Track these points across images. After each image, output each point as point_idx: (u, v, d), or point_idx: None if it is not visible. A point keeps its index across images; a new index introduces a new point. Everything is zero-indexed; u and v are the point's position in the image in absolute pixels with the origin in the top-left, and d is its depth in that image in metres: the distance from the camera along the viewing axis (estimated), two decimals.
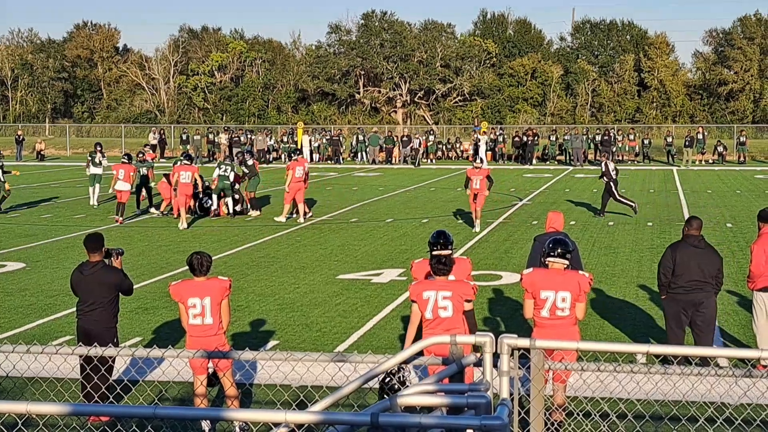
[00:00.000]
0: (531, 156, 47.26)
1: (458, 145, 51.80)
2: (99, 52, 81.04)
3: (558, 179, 36.84)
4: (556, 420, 7.69)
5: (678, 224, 21.11)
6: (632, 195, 29.62)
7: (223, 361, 8.04)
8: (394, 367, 5.33)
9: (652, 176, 38.33)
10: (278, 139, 52.10)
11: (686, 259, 10.00)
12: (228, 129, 53.28)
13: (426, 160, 48.64)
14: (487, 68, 73.51)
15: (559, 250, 8.28)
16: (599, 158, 32.21)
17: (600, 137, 46.64)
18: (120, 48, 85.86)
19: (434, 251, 8.67)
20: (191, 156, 24.28)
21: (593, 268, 15.88)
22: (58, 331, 12.15)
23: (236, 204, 24.68)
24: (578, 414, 8.02)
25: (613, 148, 46.09)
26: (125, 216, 23.81)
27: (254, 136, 49.11)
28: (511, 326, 12.13)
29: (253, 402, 9.36)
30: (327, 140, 50.06)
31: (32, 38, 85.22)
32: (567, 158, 47.42)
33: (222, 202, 24.69)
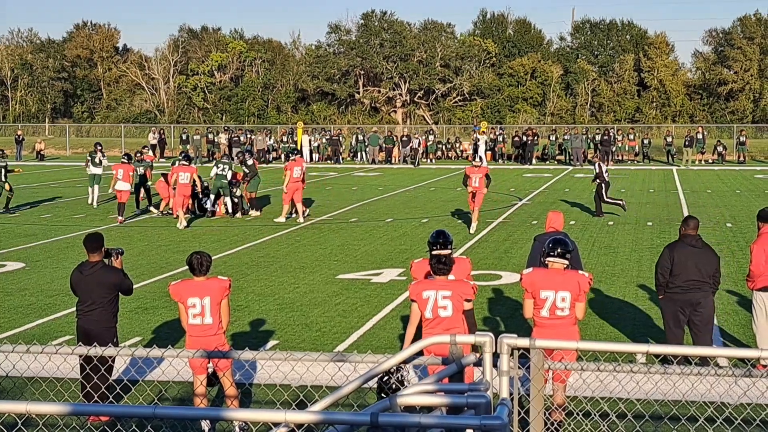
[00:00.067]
0: (531, 156, 47.25)
1: (458, 145, 51.79)
2: (99, 52, 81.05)
3: (558, 179, 36.84)
4: (556, 420, 7.69)
5: (677, 224, 21.08)
6: (632, 195, 29.64)
7: (223, 361, 8.04)
8: (393, 367, 5.32)
9: (652, 176, 38.32)
10: (278, 139, 52.10)
11: (684, 259, 10.01)
12: (228, 129, 53.26)
13: (426, 160, 48.63)
14: (487, 68, 73.52)
15: (559, 250, 8.29)
16: (592, 159, 32.00)
17: (600, 137, 46.64)
18: (120, 48, 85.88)
19: (434, 251, 8.67)
20: (189, 156, 24.24)
21: (593, 268, 15.88)
22: (58, 331, 12.14)
23: (234, 205, 24.64)
24: (578, 414, 8.03)
25: (613, 148, 46.12)
26: (125, 216, 23.83)
27: (254, 136, 49.10)
28: (511, 326, 12.13)
29: (253, 402, 9.35)
30: (327, 140, 50.07)
31: (32, 38, 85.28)
32: (567, 158, 47.42)
33: (220, 201, 24.68)
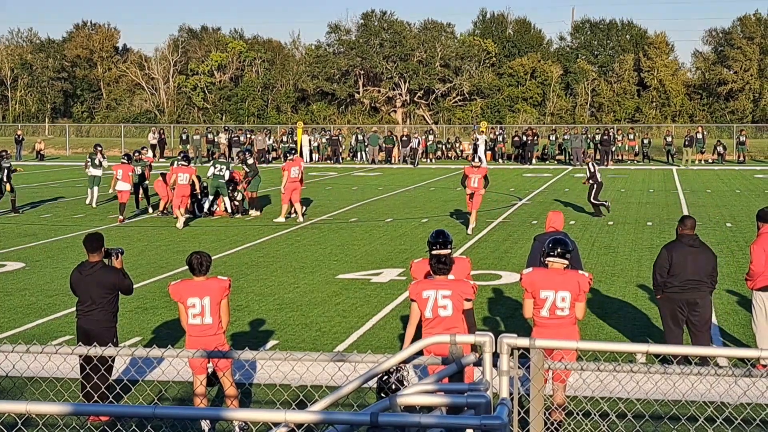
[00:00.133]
0: (531, 156, 47.26)
1: (458, 145, 51.80)
2: (98, 52, 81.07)
3: (558, 179, 36.84)
4: (556, 419, 7.69)
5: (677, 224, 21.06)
6: (632, 194, 29.66)
7: (223, 361, 8.04)
8: (393, 367, 5.32)
9: (652, 176, 38.33)
10: (278, 139, 52.09)
11: (682, 259, 10.03)
12: (227, 129, 53.25)
13: (425, 160, 48.63)
14: (487, 68, 73.54)
15: (559, 250, 8.29)
16: (585, 160, 31.74)
17: (599, 137, 46.64)
18: (119, 48, 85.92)
19: (434, 251, 8.67)
20: (189, 157, 24.22)
21: (593, 268, 15.88)
22: (58, 331, 12.14)
23: (234, 204, 24.63)
24: (578, 413, 8.03)
25: (613, 148, 46.12)
26: (125, 216, 23.82)
27: (254, 136, 49.08)
28: (511, 326, 12.13)
29: (253, 402, 9.35)
30: (326, 140, 50.07)
31: (32, 38, 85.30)
32: (566, 158, 47.42)
33: (220, 201, 24.67)
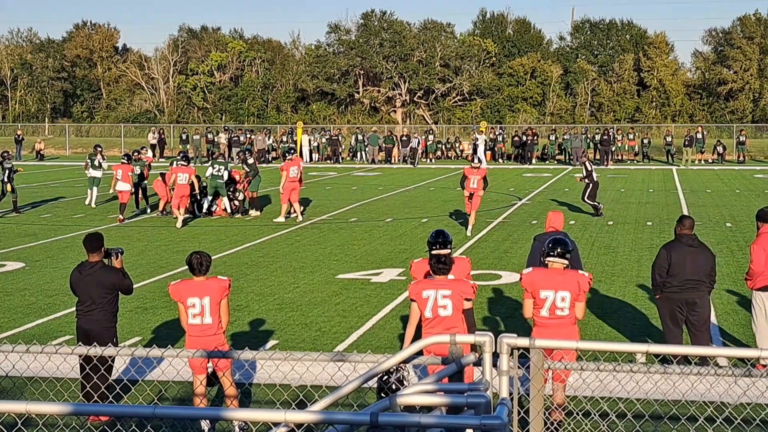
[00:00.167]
0: (530, 155, 47.27)
1: (457, 145, 51.82)
2: (98, 52, 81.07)
3: (557, 179, 36.84)
4: (556, 419, 7.69)
5: None
6: (632, 194, 29.66)
7: (223, 361, 8.04)
8: (393, 367, 5.33)
9: (652, 176, 38.33)
10: (277, 139, 52.09)
11: (681, 259, 10.04)
12: (227, 129, 53.25)
13: (425, 160, 48.62)
14: (487, 68, 73.53)
15: (559, 250, 8.29)
16: (580, 159, 31.55)
17: (599, 137, 46.64)
18: (119, 48, 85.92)
19: (433, 250, 8.67)
20: (188, 157, 24.21)
21: (593, 268, 15.88)
22: (58, 331, 12.14)
23: (233, 204, 24.62)
24: (578, 413, 8.03)
25: (613, 148, 46.11)
26: (125, 216, 23.83)
27: (254, 136, 49.07)
28: (511, 326, 12.13)
29: (253, 401, 9.35)
30: (326, 140, 50.06)
31: (32, 38, 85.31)
32: (566, 158, 47.42)
33: (219, 201, 24.68)
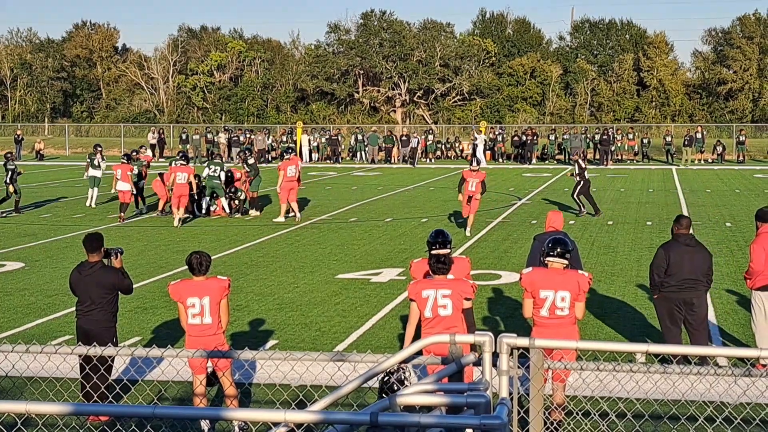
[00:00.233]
0: (530, 155, 47.27)
1: (457, 145, 51.84)
2: (98, 52, 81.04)
3: (557, 178, 36.83)
4: (556, 419, 7.69)
5: None
6: (631, 194, 29.67)
7: (223, 361, 8.03)
8: (394, 367, 5.33)
9: (652, 175, 38.33)
10: (277, 139, 52.08)
11: (679, 259, 10.05)
12: (227, 129, 53.24)
13: (425, 160, 48.61)
14: (486, 67, 73.52)
15: (559, 250, 8.29)
16: (572, 158, 31.24)
17: (599, 136, 46.64)
18: (119, 47, 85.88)
19: (433, 250, 8.68)
20: (188, 156, 24.22)
21: (592, 268, 15.88)
22: (57, 331, 12.14)
23: (231, 204, 24.63)
24: (577, 413, 8.03)
25: (612, 148, 46.11)
26: (126, 215, 23.83)
27: (254, 136, 49.05)
28: (511, 326, 12.13)
29: (252, 401, 9.35)
30: (326, 140, 50.05)
31: (31, 38, 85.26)
32: (566, 157, 47.40)
33: (219, 201, 24.69)
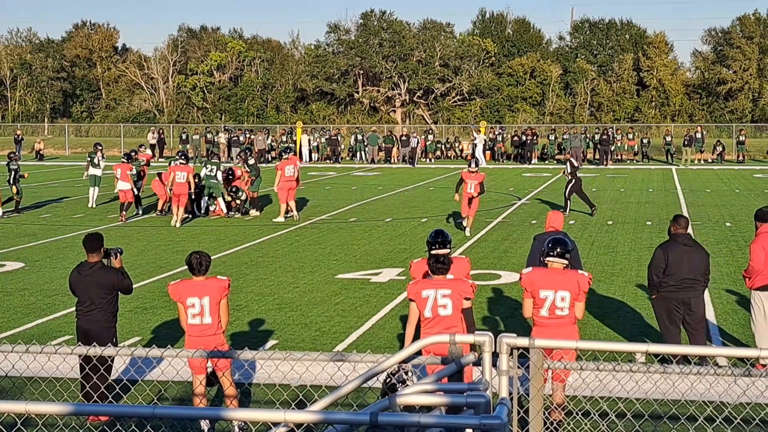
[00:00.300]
0: (530, 155, 47.27)
1: (457, 145, 51.85)
2: (98, 52, 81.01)
3: (557, 178, 36.82)
4: (555, 419, 7.69)
5: None
6: (631, 194, 29.67)
7: (222, 361, 8.03)
8: (397, 368, 5.33)
9: (651, 175, 38.33)
10: (276, 139, 52.06)
11: (678, 258, 10.06)
12: (227, 129, 53.21)
13: (425, 160, 48.60)
14: (486, 67, 73.51)
15: (559, 250, 8.29)
16: (564, 157, 30.94)
17: (599, 136, 46.64)
18: (119, 48, 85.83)
19: (432, 250, 8.68)
20: (187, 156, 24.23)
21: (592, 268, 15.88)
22: (57, 331, 12.14)
23: (228, 204, 24.64)
24: (577, 413, 8.03)
25: (612, 147, 46.10)
26: (128, 215, 23.85)
27: (254, 136, 49.03)
28: (510, 325, 12.13)
29: (252, 401, 9.35)
30: (326, 140, 50.04)
31: (31, 38, 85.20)
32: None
33: (218, 201, 24.70)
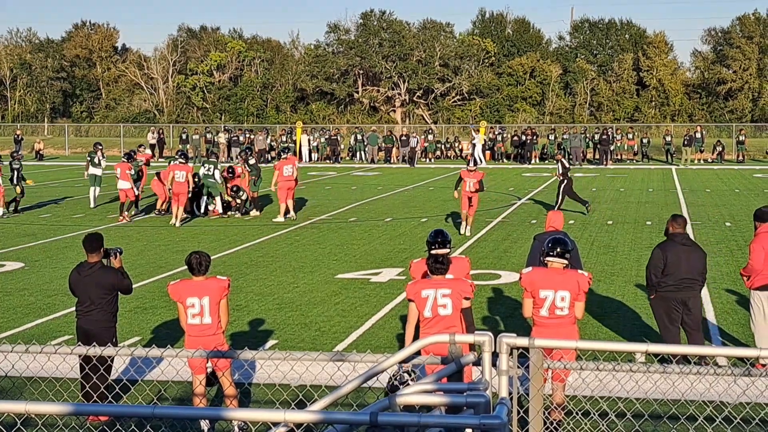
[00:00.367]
0: (530, 155, 47.27)
1: (457, 145, 51.86)
2: (98, 52, 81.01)
3: (557, 178, 36.78)
4: (555, 419, 7.69)
5: None
6: (631, 194, 29.67)
7: (222, 361, 8.03)
8: (397, 367, 5.33)
9: (651, 175, 38.32)
10: (276, 139, 52.04)
11: (676, 258, 10.06)
12: (227, 129, 53.20)
13: (425, 160, 48.59)
14: (486, 67, 73.50)
15: (559, 250, 8.29)
16: (555, 157, 30.65)
17: (598, 136, 46.63)
18: (119, 47, 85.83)
19: (432, 250, 8.68)
20: (187, 155, 24.22)
21: (592, 268, 15.88)
22: (57, 331, 12.14)
23: (225, 203, 24.65)
24: (577, 413, 8.03)
25: (612, 147, 46.09)
26: (129, 214, 23.86)
27: (254, 136, 49.01)
28: (510, 325, 12.13)
29: (252, 401, 9.35)
30: (325, 140, 50.03)
31: (31, 38, 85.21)
32: (566, 157, 47.34)
33: (215, 201, 24.70)
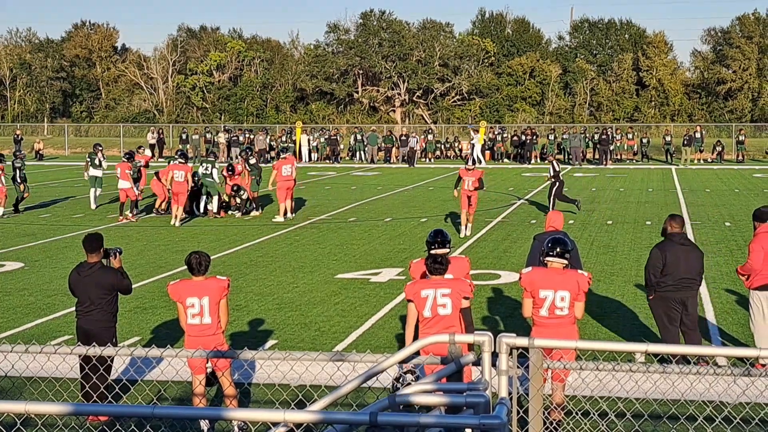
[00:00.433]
0: (530, 155, 47.28)
1: (456, 144, 51.88)
2: (97, 52, 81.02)
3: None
4: (555, 419, 7.69)
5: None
6: (631, 194, 29.65)
7: (222, 361, 8.04)
8: (400, 370, 5.34)
9: (651, 175, 38.32)
10: (276, 138, 52.04)
11: (675, 258, 10.07)
12: (227, 129, 53.19)
13: (424, 160, 48.60)
14: (486, 67, 73.51)
15: (558, 250, 8.29)
16: (548, 158, 30.45)
17: (598, 136, 46.63)
18: (118, 47, 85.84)
19: (432, 250, 8.68)
20: (186, 155, 24.22)
21: (592, 268, 15.88)
22: (57, 331, 12.14)
23: (221, 203, 24.66)
24: (577, 413, 8.03)
25: (612, 147, 46.10)
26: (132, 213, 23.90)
27: (254, 136, 49.00)
28: (510, 325, 12.13)
29: (252, 401, 9.35)
30: (325, 139, 50.03)
31: (30, 38, 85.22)
32: (566, 157, 47.40)
33: (213, 200, 24.71)
